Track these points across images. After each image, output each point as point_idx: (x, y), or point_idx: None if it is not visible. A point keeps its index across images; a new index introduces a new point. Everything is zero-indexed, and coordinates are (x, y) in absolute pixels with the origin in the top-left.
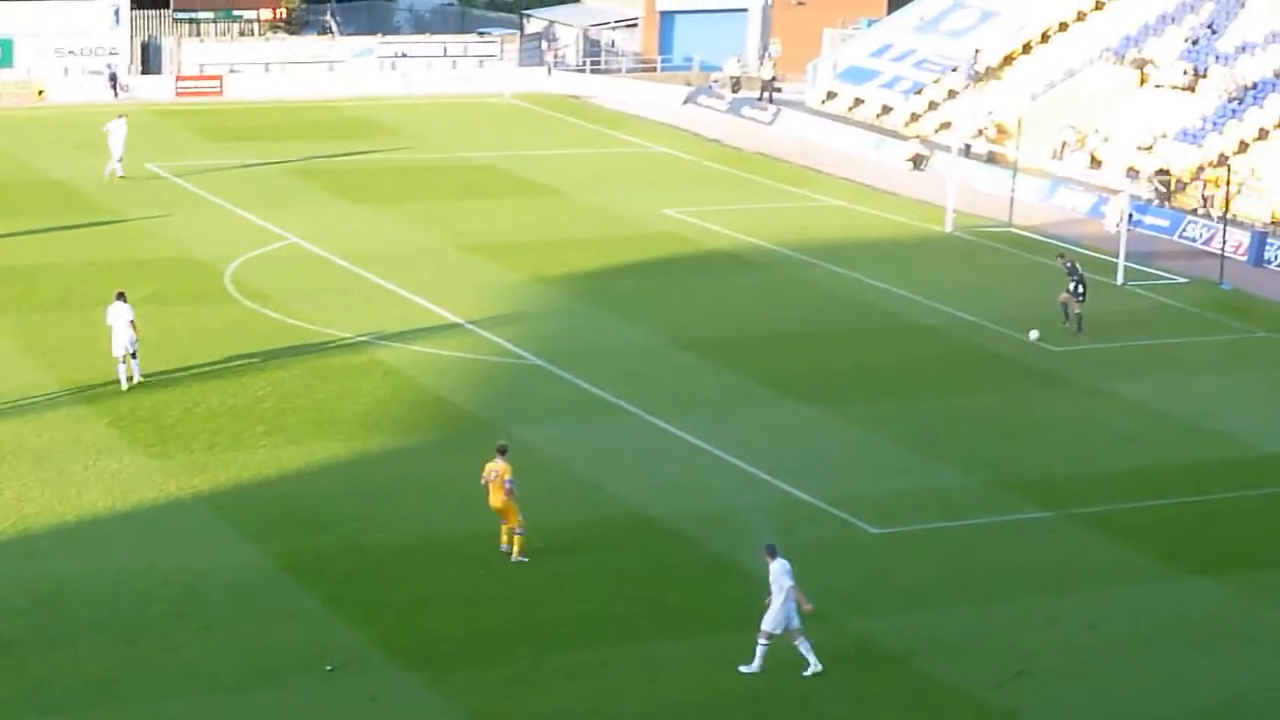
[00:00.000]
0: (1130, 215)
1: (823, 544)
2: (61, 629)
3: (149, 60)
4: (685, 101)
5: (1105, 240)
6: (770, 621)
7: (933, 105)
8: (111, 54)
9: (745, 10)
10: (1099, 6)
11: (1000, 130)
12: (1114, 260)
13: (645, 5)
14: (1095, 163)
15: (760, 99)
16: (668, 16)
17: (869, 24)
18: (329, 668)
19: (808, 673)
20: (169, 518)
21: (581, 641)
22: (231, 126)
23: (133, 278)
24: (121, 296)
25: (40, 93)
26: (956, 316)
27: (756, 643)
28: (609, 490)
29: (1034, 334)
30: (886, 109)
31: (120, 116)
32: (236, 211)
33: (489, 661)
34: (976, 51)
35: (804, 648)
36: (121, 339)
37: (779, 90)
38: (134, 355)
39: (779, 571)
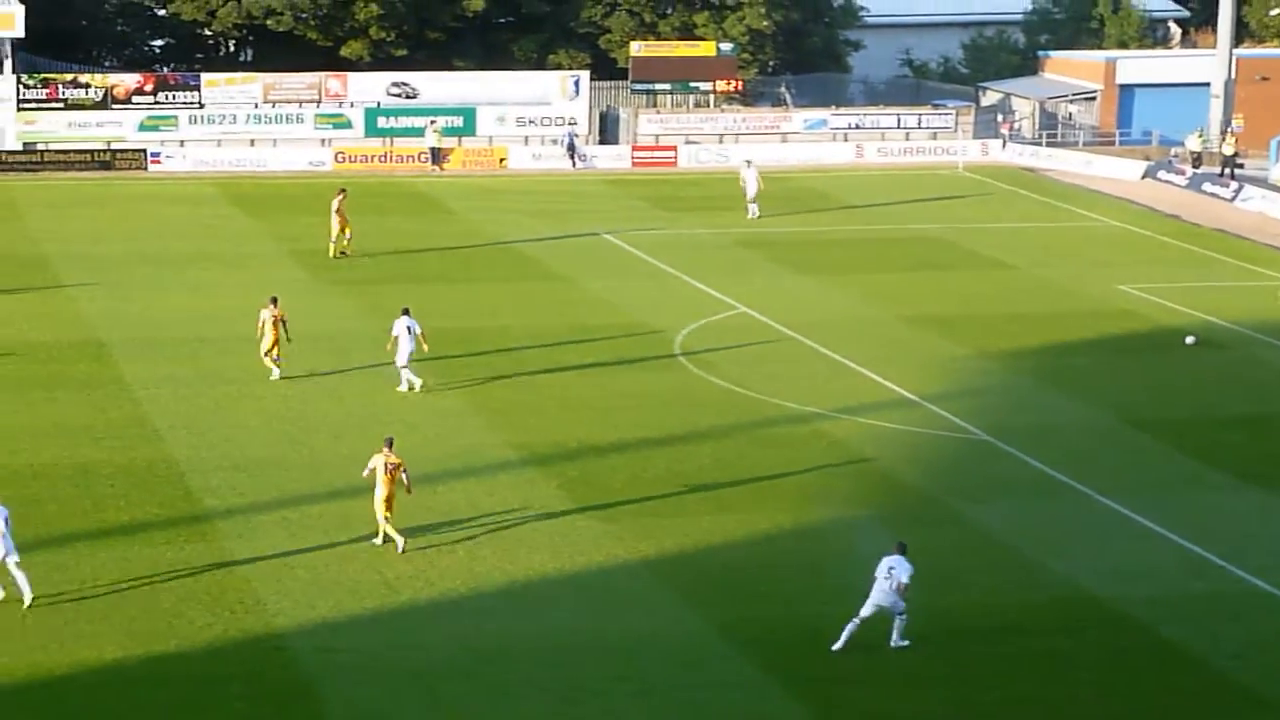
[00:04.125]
0: None
1: (1279, 634)
2: (505, 688)
3: (606, 130)
4: (1144, 176)
5: None
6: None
7: None
8: (571, 124)
9: (1208, 85)
10: None
11: None
12: None
13: (1105, 78)
14: None
15: (1221, 175)
16: (1127, 90)
17: None
18: None
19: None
20: (613, 581)
21: None
22: (684, 196)
23: (583, 344)
24: (406, 311)
25: (502, 160)
26: None
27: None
28: (1056, 570)
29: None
30: None
31: (748, 163)
32: (687, 280)
33: None
34: None
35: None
36: (405, 349)
37: (1241, 166)
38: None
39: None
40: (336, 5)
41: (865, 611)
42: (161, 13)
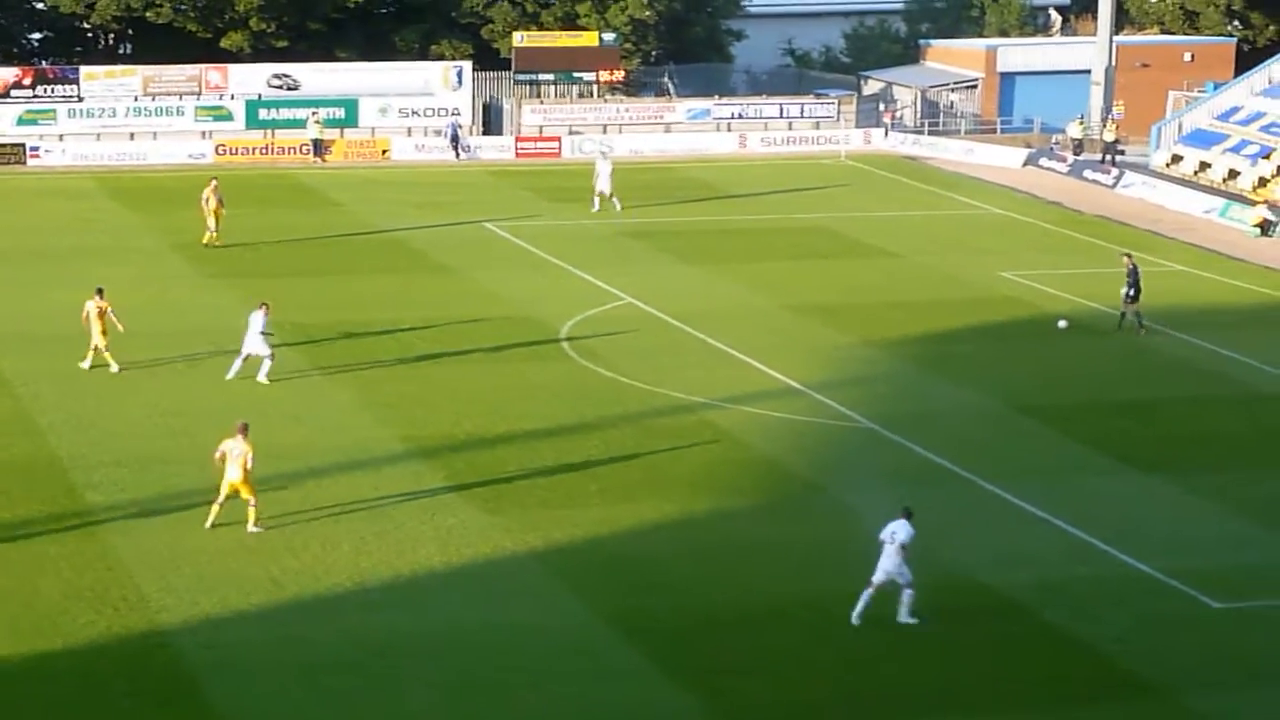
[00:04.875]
0: None
1: (1161, 617)
2: (395, 682)
3: (490, 121)
4: (1025, 163)
5: None
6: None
7: None
8: (454, 114)
9: (1088, 72)
10: None
11: None
12: None
13: (985, 66)
14: None
15: (1102, 162)
16: (1008, 78)
17: (1215, 87)
18: None
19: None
20: (502, 573)
21: (910, 710)
22: (569, 187)
23: (470, 335)
24: (265, 306)
25: (384, 152)
26: None
27: (864, 595)
28: (942, 557)
29: (1062, 323)
30: (1233, 173)
31: (604, 154)
32: (573, 271)
33: None
34: None
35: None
36: (251, 342)
37: (1121, 153)
38: (269, 356)
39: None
40: None
41: (877, 578)
42: (40, 5)
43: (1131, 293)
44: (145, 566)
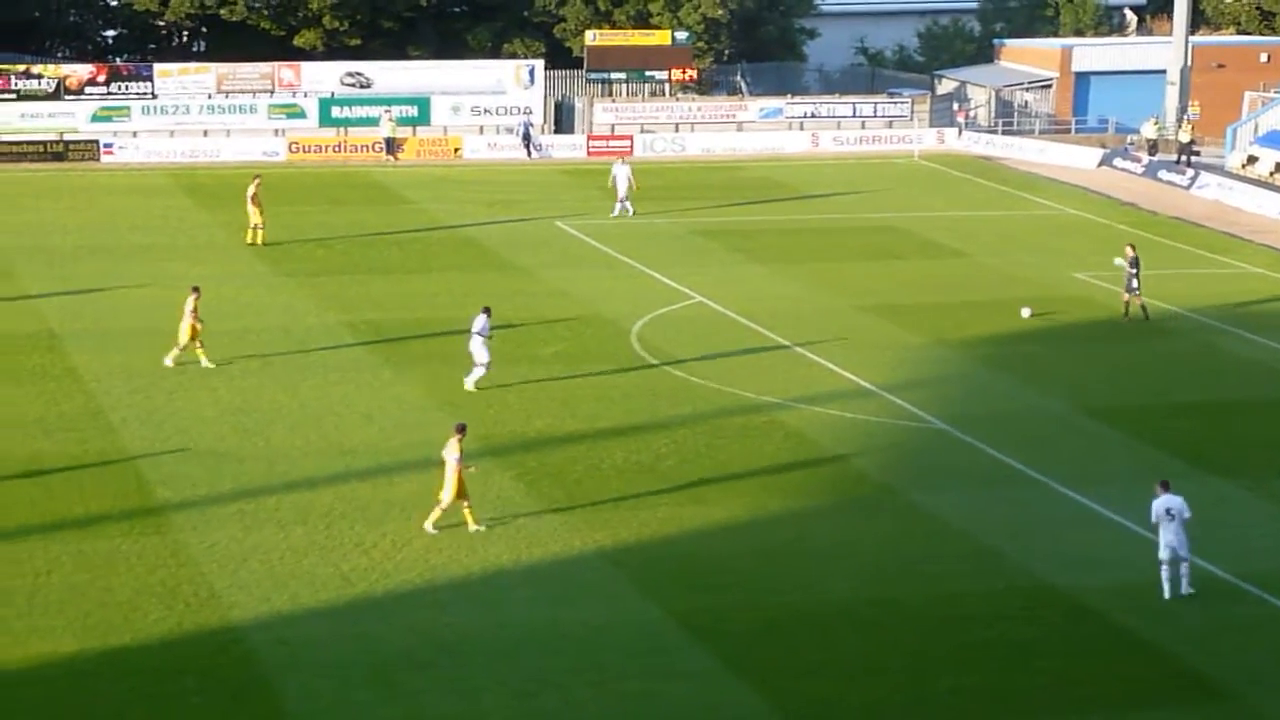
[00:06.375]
0: None
1: (1234, 621)
2: (465, 681)
3: (561, 120)
4: (1100, 164)
5: None
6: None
7: None
8: (526, 113)
9: (1163, 72)
10: None
11: None
12: None
13: (1060, 66)
14: None
15: (1178, 162)
16: (1083, 78)
17: None
18: None
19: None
20: (570, 572)
21: (979, 714)
22: (640, 186)
23: (540, 334)
24: (487, 311)
25: (456, 150)
26: None
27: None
28: (1013, 559)
29: (1025, 311)
30: None
31: (622, 160)
32: (643, 270)
33: None
34: None
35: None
36: (473, 347)
37: (1197, 154)
38: (485, 365)
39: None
40: None
41: (1164, 555)
42: (114, 3)
43: (1135, 284)
44: (216, 563)
